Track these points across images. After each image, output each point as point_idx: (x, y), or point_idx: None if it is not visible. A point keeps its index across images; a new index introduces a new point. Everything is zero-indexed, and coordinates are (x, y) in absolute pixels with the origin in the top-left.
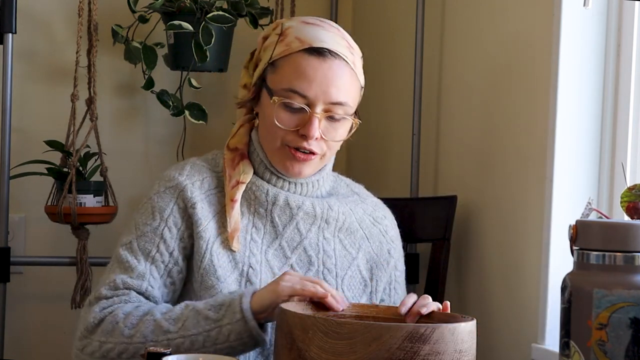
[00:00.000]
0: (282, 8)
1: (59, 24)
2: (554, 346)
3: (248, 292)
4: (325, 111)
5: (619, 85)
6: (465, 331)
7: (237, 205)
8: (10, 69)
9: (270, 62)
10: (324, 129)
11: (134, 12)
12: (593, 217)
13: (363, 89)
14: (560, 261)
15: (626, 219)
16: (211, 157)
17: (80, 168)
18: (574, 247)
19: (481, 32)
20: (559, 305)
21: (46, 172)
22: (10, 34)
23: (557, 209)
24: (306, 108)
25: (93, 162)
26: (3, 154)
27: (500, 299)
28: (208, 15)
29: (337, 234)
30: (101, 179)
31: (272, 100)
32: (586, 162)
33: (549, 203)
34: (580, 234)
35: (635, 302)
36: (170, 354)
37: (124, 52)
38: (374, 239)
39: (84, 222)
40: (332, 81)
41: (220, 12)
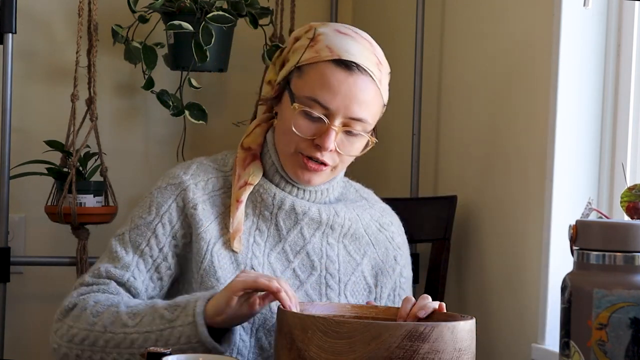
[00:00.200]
0: (282, 8)
1: (59, 24)
2: (554, 346)
3: (204, 296)
4: (343, 125)
5: (619, 85)
6: (465, 330)
7: (242, 207)
8: (10, 69)
9: (297, 65)
10: (339, 142)
11: (134, 12)
12: (593, 217)
13: (385, 106)
14: (560, 261)
15: (626, 219)
16: (220, 157)
17: (80, 168)
18: (574, 247)
19: (481, 33)
20: (559, 305)
21: (46, 172)
22: (10, 34)
23: (557, 209)
24: (325, 119)
25: (93, 162)
26: (3, 154)
27: (500, 299)
28: (208, 15)
29: (341, 239)
30: (101, 179)
31: (293, 107)
32: (586, 162)
33: (549, 203)
34: (580, 234)
35: (635, 302)
36: (170, 354)
37: (124, 52)
38: (380, 245)
39: (84, 222)
40: (356, 96)
41: (220, 12)
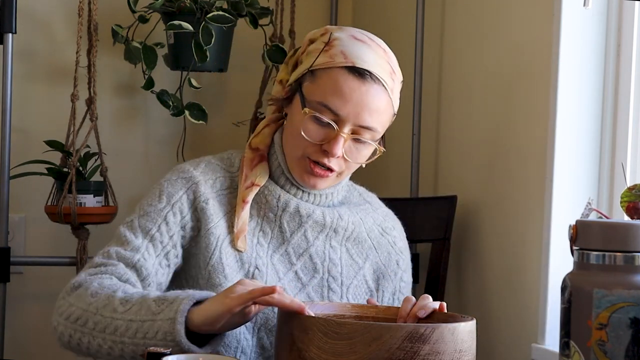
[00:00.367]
0: (282, 8)
1: (59, 24)
2: (554, 346)
3: (194, 296)
4: (352, 132)
5: (619, 85)
6: (465, 331)
7: (248, 207)
8: (10, 69)
9: (310, 69)
10: (347, 149)
11: (134, 12)
12: (593, 217)
13: (395, 115)
14: (560, 261)
15: (626, 219)
16: (226, 156)
17: (80, 168)
18: (574, 247)
19: (481, 33)
20: (559, 305)
21: (46, 172)
22: (10, 34)
23: (557, 209)
24: (334, 125)
25: (93, 162)
26: (3, 154)
27: (500, 299)
28: (208, 15)
29: (344, 242)
30: (101, 179)
31: (304, 111)
32: (586, 162)
33: (549, 203)
34: (580, 234)
35: (635, 302)
36: (170, 354)
37: (124, 52)
38: (382, 250)
39: (84, 222)
40: (367, 105)
41: (220, 12)
